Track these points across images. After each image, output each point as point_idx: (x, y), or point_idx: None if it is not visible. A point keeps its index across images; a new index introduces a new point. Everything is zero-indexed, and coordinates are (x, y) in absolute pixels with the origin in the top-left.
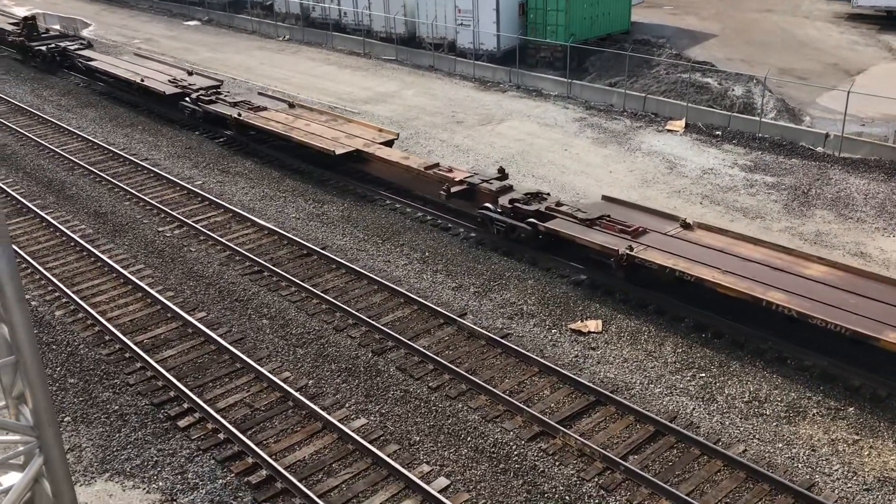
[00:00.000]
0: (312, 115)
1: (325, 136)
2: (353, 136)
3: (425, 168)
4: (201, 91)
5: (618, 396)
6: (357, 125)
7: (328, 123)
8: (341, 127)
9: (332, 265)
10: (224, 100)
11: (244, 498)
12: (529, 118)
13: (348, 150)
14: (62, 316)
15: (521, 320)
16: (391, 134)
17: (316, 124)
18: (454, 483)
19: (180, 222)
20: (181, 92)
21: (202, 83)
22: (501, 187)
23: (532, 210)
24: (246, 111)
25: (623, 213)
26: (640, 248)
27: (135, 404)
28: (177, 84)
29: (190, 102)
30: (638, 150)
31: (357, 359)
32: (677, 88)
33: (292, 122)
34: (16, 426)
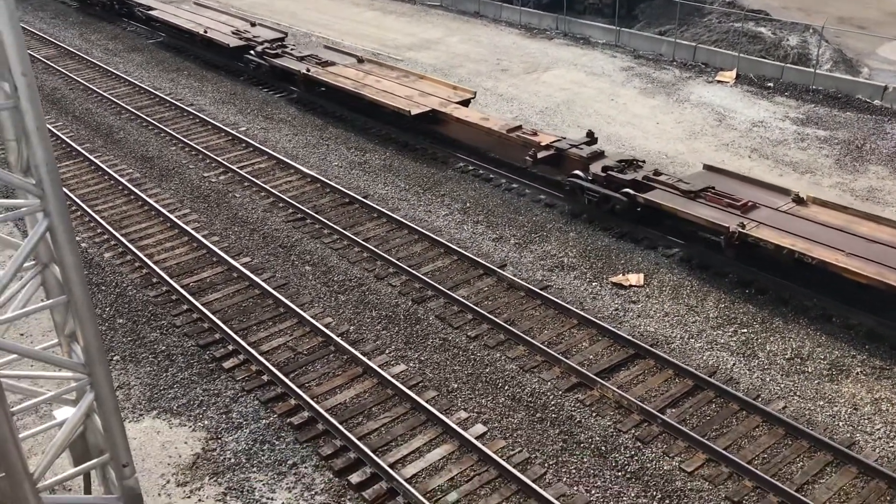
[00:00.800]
0: (383, 71)
1: (398, 95)
2: (426, 94)
3: (508, 131)
4: (266, 44)
5: (657, 350)
6: (430, 82)
7: (400, 80)
8: (414, 84)
9: (374, 214)
10: (290, 53)
11: (286, 438)
12: (576, 67)
13: (424, 110)
14: (111, 258)
15: (561, 272)
16: (468, 92)
17: (387, 81)
18: (491, 430)
19: (225, 168)
20: (245, 45)
21: (266, 35)
22: (592, 153)
23: (628, 179)
24: (314, 66)
25: (727, 185)
26: (752, 226)
27: (181, 345)
28: (240, 36)
29: (255, 56)
30: (686, 101)
31: (397, 307)
32: (729, 38)
33: (362, 78)
34: (68, 363)
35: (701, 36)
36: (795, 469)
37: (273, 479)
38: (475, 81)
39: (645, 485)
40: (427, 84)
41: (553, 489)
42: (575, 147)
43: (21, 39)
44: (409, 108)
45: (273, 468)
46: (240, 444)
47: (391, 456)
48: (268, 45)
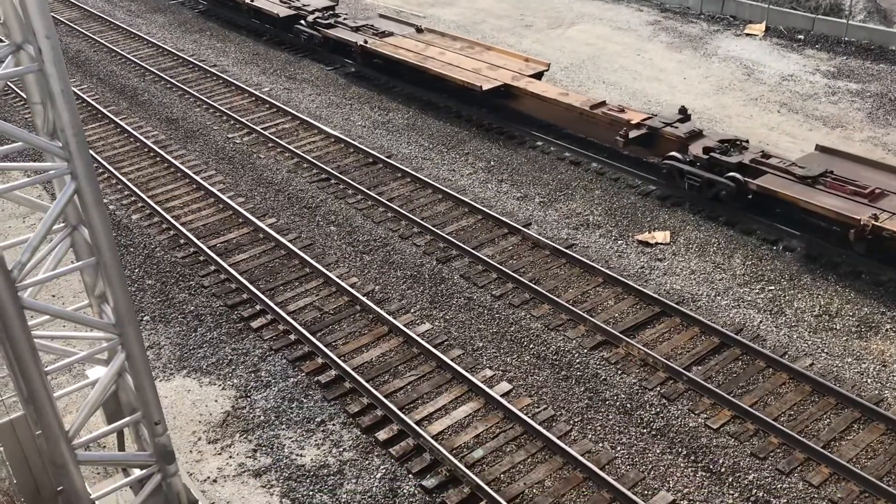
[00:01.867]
0: (445, 42)
1: (465, 68)
2: (495, 66)
3: (591, 107)
4: (318, 13)
5: (683, 308)
6: (498, 53)
7: (464, 52)
8: (480, 56)
9: (398, 173)
10: (344, 23)
11: (314, 396)
12: (601, 21)
13: (495, 84)
14: (139, 220)
15: (586, 231)
16: (541, 64)
17: (451, 53)
18: (516, 388)
19: (249, 129)
20: (295, 14)
21: (316, 2)
22: (690, 132)
23: (734, 163)
24: (371, 37)
25: (846, 168)
26: (886, 217)
27: (209, 305)
28: (289, 4)
29: (306, 26)
30: (714, 55)
31: (422, 266)
32: None
33: (424, 50)
34: (99, 323)
35: None
36: (822, 426)
37: (302, 436)
38: (498, 37)
39: (670, 441)
40: (495, 55)
41: (578, 446)
42: (669, 125)
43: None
44: (480, 83)
45: (301, 425)
46: (269, 402)
47: (417, 413)
48: (319, 15)
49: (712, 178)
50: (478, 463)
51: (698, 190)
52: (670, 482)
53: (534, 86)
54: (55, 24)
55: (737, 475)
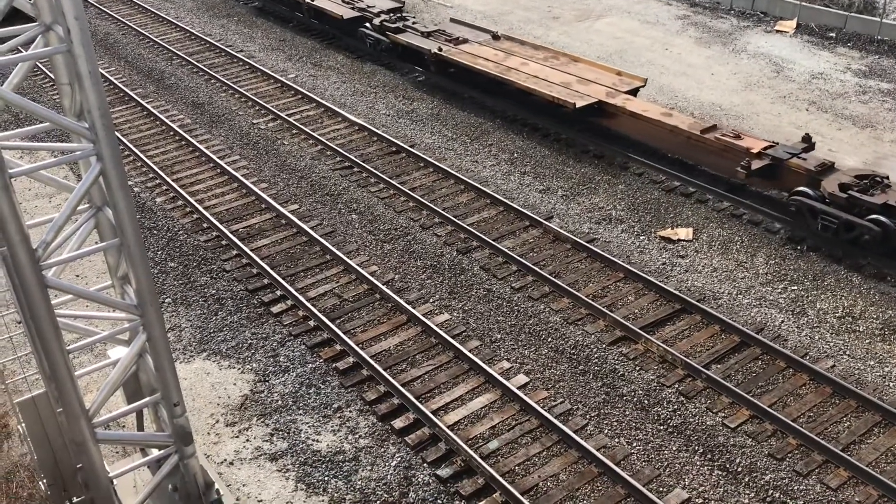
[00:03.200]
0: (526, 51)
1: (553, 81)
2: (585, 80)
3: (701, 131)
4: (384, 15)
5: (704, 305)
6: (587, 65)
7: (549, 62)
8: (566, 67)
9: (420, 163)
10: (413, 28)
11: (332, 382)
12: (629, 14)
13: (589, 101)
14: (163, 202)
15: (608, 225)
16: (636, 80)
17: (534, 63)
18: (533, 381)
19: (274, 115)
20: (360, 16)
21: (381, 4)
22: (821, 165)
23: (878, 203)
24: (444, 43)
25: None
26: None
27: (230, 289)
28: (353, 5)
29: (373, 30)
30: (743, 51)
31: (442, 256)
32: None
33: (504, 60)
34: (121, 304)
35: None
36: (842, 428)
37: (318, 422)
38: (525, 29)
39: (687, 439)
40: (583, 68)
41: (594, 440)
42: (796, 156)
43: None
44: (572, 99)
45: (318, 411)
46: (286, 387)
47: (434, 403)
48: (386, 17)
49: (852, 220)
50: (493, 454)
51: (834, 232)
52: (686, 480)
53: (632, 104)
54: (84, 6)
55: (753, 475)
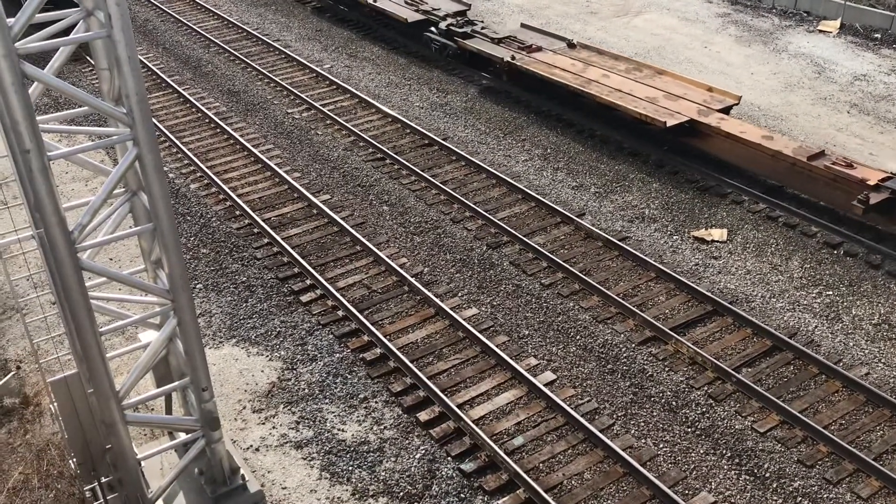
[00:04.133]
0: (605, 61)
1: (638, 96)
2: (673, 96)
3: (808, 158)
4: (450, 19)
5: (736, 308)
6: (673, 79)
7: (631, 75)
8: (650, 81)
9: (453, 156)
10: (482, 33)
11: (358, 373)
12: (669, 11)
13: (680, 120)
14: (196, 189)
15: (641, 224)
16: (729, 97)
17: (616, 75)
18: (560, 378)
19: (308, 105)
20: (425, 19)
21: (446, 6)
22: None
23: None
24: (516, 51)
25: None
26: None
27: (261, 277)
28: (418, 8)
29: (439, 34)
30: (784, 51)
31: (472, 251)
32: None
33: (583, 70)
34: (154, 288)
35: None
36: (874, 437)
37: (344, 412)
38: (562, 24)
39: (714, 442)
40: (669, 81)
41: (620, 440)
42: None
43: None
44: (662, 117)
45: (344, 401)
46: (314, 376)
47: (460, 397)
48: (453, 21)
49: None
50: (517, 450)
51: None
52: (712, 483)
53: (728, 124)
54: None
55: (782, 481)
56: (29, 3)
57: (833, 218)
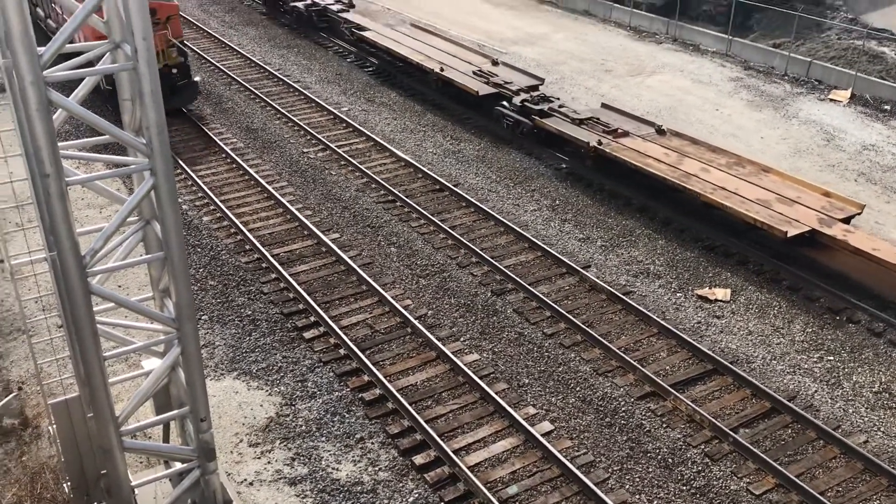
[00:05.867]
0: (701, 152)
1: (747, 197)
2: (785, 198)
3: None
4: (524, 93)
5: (737, 368)
6: (781, 178)
7: (733, 170)
8: (756, 179)
9: (462, 202)
10: (561, 111)
11: (356, 412)
12: (682, 73)
13: (802, 230)
14: (209, 222)
15: (646, 279)
16: (851, 205)
17: (716, 170)
18: (558, 429)
19: (324, 145)
20: (497, 92)
21: (518, 79)
22: None
23: None
24: (601, 135)
25: None
26: None
27: (266, 312)
28: (488, 80)
29: (512, 109)
30: (795, 117)
31: (476, 296)
32: (847, 56)
33: (678, 162)
34: (160, 316)
35: (817, 51)
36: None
37: (340, 451)
38: (577, 80)
39: (709, 502)
40: (777, 181)
41: (615, 495)
42: None
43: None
44: (782, 227)
45: (341, 440)
46: (312, 413)
47: (456, 442)
48: (527, 97)
49: None
50: (511, 499)
51: None
52: None
53: (855, 238)
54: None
55: None
56: (60, 33)
57: (835, 284)
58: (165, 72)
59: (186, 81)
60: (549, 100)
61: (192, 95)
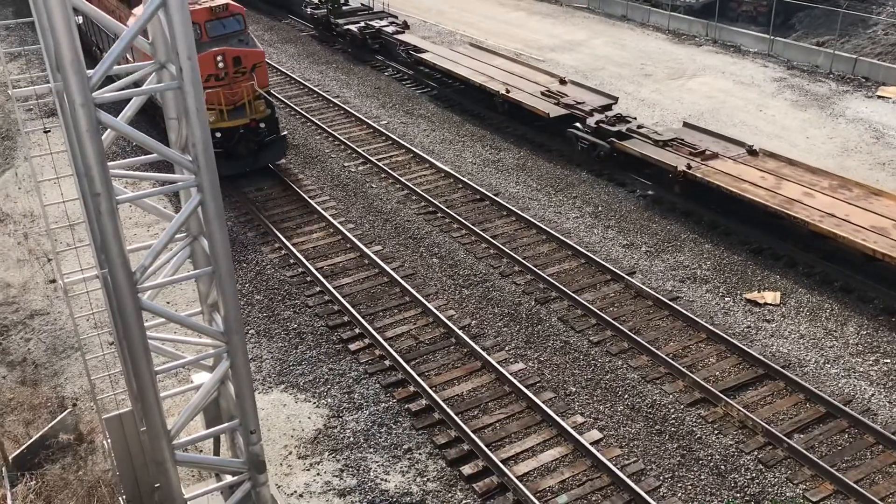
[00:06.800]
0: (800, 175)
1: (859, 224)
2: None
3: None
4: (598, 114)
5: (789, 372)
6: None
7: (839, 193)
8: (866, 203)
9: (503, 212)
10: (640, 133)
11: (403, 423)
12: (724, 75)
13: None
14: (253, 237)
15: (693, 284)
16: None
17: (820, 194)
18: (607, 437)
19: (364, 159)
20: (569, 114)
21: (590, 99)
22: None
23: None
24: (688, 157)
25: None
26: None
27: (311, 325)
28: (558, 100)
29: (586, 131)
30: (841, 115)
31: (520, 305)
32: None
33: (776, 186)
34: (209, 330)
35: (864, 48)
36: None
37: (388, 462)
38: (616, 85)
39: None
40: (892, 205)
41: (666, 503)
42: None
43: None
44: None
45: (389, 451)
46: (359, 425)
47: (504, 452)
48: (602, 118)
49: None
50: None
51: None
52: None
53: None
54: None
55: None
56: (108, 55)
57: (892, 284)
58: (252, 126)
59: (275, 137)
60: (625, 120)
61: (281, 152)
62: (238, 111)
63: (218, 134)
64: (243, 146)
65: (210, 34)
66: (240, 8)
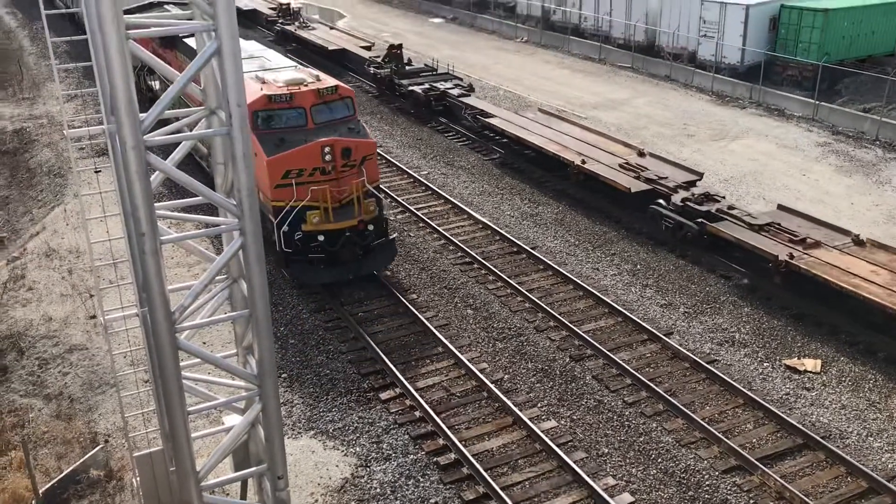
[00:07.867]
0: (892, 261)
1: None
2: None
3: None
4: (683, 190)
5: (829, 443)
6: None
7: None
8: None
9: (540, 266)
10: (731, 213)
11: (431, 477)
12: (767, 138)
13: None
14: (290, 280)
15: (731, 348)
16: None
17: None
18: (639, 501)
19: (403, 208)
20: (651, 189)
21: (672, 173)
22: None
23: None
24: (789, 245)
25: None
26: None
27: (344, 371)
28: (639, 174)
29: (669, 209)
30: (888, 183)
31: (554, 361)
32: None
33: (892, 283)
34: (243, 373)
35: None
36: None
37: None
38: (659, 144)
39: None
40: None
41: None
42: None
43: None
44: None
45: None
46: (387, 476)
47: None
48: (688, 196)
49: None
50: None
51: None
52: None
53: None
54: None
55: None
56: (161, 100)
57: None
58: (360, 228)
59: (383, 240)
60: (714, 199)
61: (389, 257)
62: (345, 210)
63: (321, 237)
64: (348, 251)
65: (316, 121)
66: (349, 91)
